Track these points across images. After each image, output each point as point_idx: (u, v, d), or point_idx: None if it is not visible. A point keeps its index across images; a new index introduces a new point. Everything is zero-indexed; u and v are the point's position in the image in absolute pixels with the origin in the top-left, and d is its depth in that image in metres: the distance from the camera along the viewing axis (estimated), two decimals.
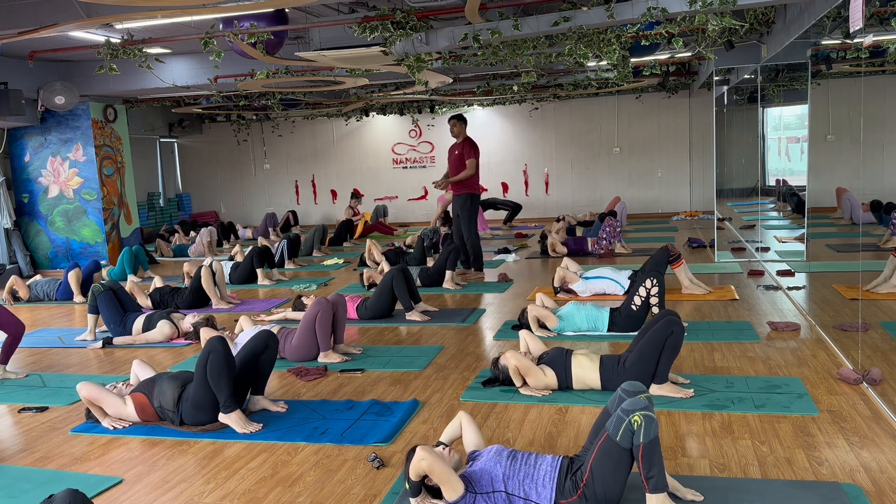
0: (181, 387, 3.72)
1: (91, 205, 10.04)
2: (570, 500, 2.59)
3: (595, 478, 2.53)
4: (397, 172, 14.73)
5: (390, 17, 5.80)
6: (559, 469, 2.66)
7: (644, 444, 2.43)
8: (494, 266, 8.59)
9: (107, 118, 10.14)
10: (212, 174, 15.40)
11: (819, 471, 2.91)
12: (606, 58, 6.40)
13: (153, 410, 3.74)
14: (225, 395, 3.62)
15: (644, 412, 2.45)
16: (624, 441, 2.47)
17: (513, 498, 2.64)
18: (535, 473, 2.67)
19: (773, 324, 5.14)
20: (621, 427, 2.47)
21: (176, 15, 5.50)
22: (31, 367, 5.22)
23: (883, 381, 3.83)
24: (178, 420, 3.69)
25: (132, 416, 3.78)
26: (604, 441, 2.53)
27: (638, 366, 3.76)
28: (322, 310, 4.75)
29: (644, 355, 3.75)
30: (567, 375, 3.92)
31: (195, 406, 3.65)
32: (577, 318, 5.16)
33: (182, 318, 5.75)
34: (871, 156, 7.45)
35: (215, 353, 3.59)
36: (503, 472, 2.67)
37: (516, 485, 2.65)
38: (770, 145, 9.51)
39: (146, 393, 3.76)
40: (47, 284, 7.88)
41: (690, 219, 12.51)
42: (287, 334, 4.90)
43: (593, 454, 2.56)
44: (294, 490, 3.01)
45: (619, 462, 2.51)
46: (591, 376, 3.88)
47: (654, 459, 2.47)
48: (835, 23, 5.62)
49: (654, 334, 3.74)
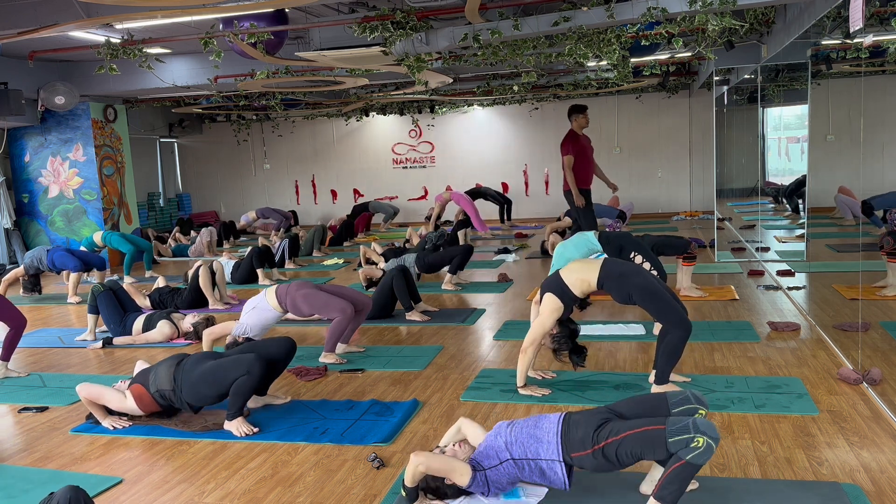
0: (175, 364, 3.70)
1: (91, 205, 10.04)
2: (582, 453, 2.53)
3: (622, 446, 2.46)
4: (397, 172, 14.73)
5: (390, 17, 5.80)
6: (562, 422, 2.62)
7: (686, 462, 2.34)
8: (494, 266, 8.58)
9: (107, 118, 10.14)
10: (212, 174, 15.39)
11: (819, 471, 2.91)
12: (606, 58, 6.39)
13: (151, 398, 3.71)
14: (236, 409, 3.63)
15: (711, 440, 2.34)
16: (674, 447, 2.37)
17: (520, 463, 2.60)
18: (537, 432, 2.63)
19: (773, 324, 5.14)
20: (682, 436, 2.36)
21: (176, 15, 5.50)
22: (32, 367, 5.22)
23: (883, 381, 3.83)
24: (177, 399, 3.66)
25: (133, 409, 3.75)
26: (656, 431, 2.41)
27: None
28: (345, 318, 4.73)
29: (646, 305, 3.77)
30: (564, 291, 3.86)
31: (204, 382, 3.60)
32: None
33: (182, 319, 5.75)
34: (871, 156, 7.44)
35: (250, 378, 3.58)
36: (506, 441, 2.64)
37: (520, 449, 2.61)
38: (770, 145, 9.51)
39: (142, 383, 3.74)
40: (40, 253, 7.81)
41: (690, 219, 12.51)
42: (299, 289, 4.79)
43: (636, 430, 2.45)
44: (294, 490, 3.01)
45: (654, 451, 2.43)
46: (590, 277, 3.84)
47: (678, 484, 2.38)
48: (835, 23, 5.62)
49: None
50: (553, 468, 2.58)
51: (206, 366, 3.65)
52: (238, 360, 3.62)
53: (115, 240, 8.78)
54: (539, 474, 2.61)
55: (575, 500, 2.77)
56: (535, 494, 2.80)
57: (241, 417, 3.65)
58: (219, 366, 3.63)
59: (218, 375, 3.61)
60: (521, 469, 2.61)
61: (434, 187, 14.31)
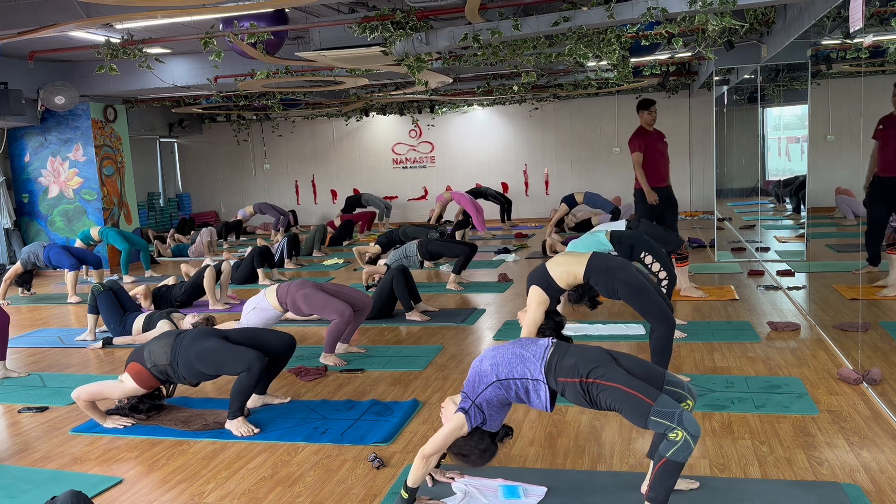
0: (173, 339, 3.67)
1: (91, 205, 10.04)
2: (568, 380, 2.51)
3: (607, 394, 2.43)
4: (397, 172, 14.73)
5: (390, 17, 5.80)
6: (552, 347, 2.61)
7: (668, 459, 2.33)
8: (494, 266, 8.58)
9: (107, 118, 10.13)
10: (212, 174, 15.40)
11: (819, 471, 2.91)
12: (606, 58, 6.39)
13: (148, 372, 3.66)
14: (237, 408, 3.62)
15: (690, 436, 2.30)
16: (652, 426, 2.35)
17: (505, 383, 2.58)
18: (524, 352, 2.61)
19: (773, 324, 5.14)
20: (664, 421, 2.32)
21: (176, 15, 5.50)
22: (31, 367, 5.22)
23: (883, 381, 3.83)
24: (174, 374, 3.63)
25: (133, 390, 3.70)
26: (644, 402, 2.36)
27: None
28: (343, 320, 4.72)
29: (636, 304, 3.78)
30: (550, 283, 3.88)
31: (201, 361, 3.58)
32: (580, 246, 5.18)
33: (182, 318, 5.74)
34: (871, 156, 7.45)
35: (250, 375, 3.56)
36: (492, 363, 2.62)
37: (507, 368, 2.59)
38: (770, 145, 9.51)
39: (137, 360, 3.69)
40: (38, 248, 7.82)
41: (690, 219, 12.51)
42: (300, 287, 4.79)
43: (627, 388, 2.41)
44: (294, 490, 3.01)
45: (631, 416, 2.40)
46: (577, 271, 3.86)
47: (665, 482, 2.37)
48: (835, 23, 5.62)
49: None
50: (538, 389, 2.56)
51: (207, 345, 3.62)
52: (240, 354, 3.60)
53: (113, 236, 8.77)
54: (525, 394, 2.59)
55: (575, 500, 2.77)
56: (535, 494, 2.80)
57: (241, 417, 3.65)
58: (220, 350, 3.61)
59: (217, 359, 3.60)
60: (507, 389, 2.58)
61: (434, 187, 14.31)
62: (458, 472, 2.98)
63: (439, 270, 8.49)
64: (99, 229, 8.82)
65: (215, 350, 3.61)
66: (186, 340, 3.66)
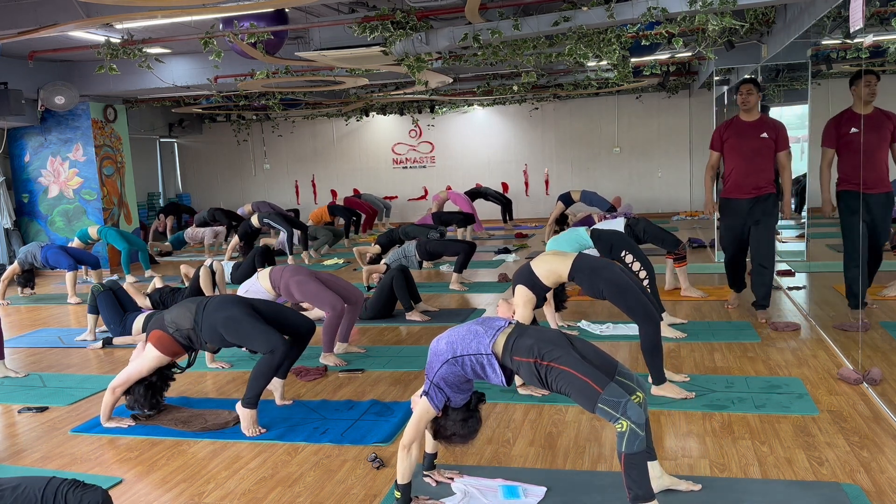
0: (196, 305, 3.66)
1: (91, 205, 10.04)
2: (523, 359, 2.52)
3: (559, 377, 2.46)
4: (397, 172, 14.73)
5: (390, 17, 5.80)
6: (510, 326, 2.62)
7: (624, 454, 2.33)
8: (494, 266, 8.58)
9: (107, 118, 10.13)
10: (212, 174, 15.40)
11: (819, 471, 2.91)
12: (606, 58, 6.39)
13: (171, 338, 3.64)
14: (255, 394, 3.59)
15: (635, 425, 2.31)
16: (599, 413, 2.37)
17: (460, 359, 2.58)
18: (479, 328, 2.63)
19: (773, 324, 5.13)
20: (610, 410, 2.35)
21: (176, 15, 5.50)
22: (31, 367, 5.22)
23: (883, 381, 3.83)
24: (196, 338, 3.62)
25: (157, 359, 3.66)
26: (593, 389, 2.39)
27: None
28: (335, 314, 4.73)
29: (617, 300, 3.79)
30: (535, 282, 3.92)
31: (227, 328, 3.56)
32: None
33: None
34: (871, 155, 7.44)
35: (273, 358, 3.54)
36: (447, 341, 2.63)
37: (462, 345, 2.60)
38: None
39: (158, 328, 3.67)
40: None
41: (690, 219, 12.51)
42: (293, 273, 4.83)
43: (579, 374, 2.42)
44: (294, 490, 3.01)
45: (580, 401, 2.43)
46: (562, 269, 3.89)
47: (633, 475, 2.36)
48: (835, 23, 5.62)
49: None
50: (493, 364, 2.57)
51: (234, 313, 3.59)
52: (267, 334, 3.57)
53: (112, 235, 8.77)
54: (481, 369, 2.60)
55: (575, 500, 2.77)
56: (535, 494, 2.80)
57: (255, 412, 3.61)
58: (247, 322, 3.57)
59: (242, 331, 3.57)
60: (462, 366, 2.59)
61: (434, 187, 14.31)
62: (457, 472, 2.98)
63: (439, 270, 8.50)
64: (97, 228, 8.82)
65: (242, 321, 3.58)
66: (212, 305, 3.64)
